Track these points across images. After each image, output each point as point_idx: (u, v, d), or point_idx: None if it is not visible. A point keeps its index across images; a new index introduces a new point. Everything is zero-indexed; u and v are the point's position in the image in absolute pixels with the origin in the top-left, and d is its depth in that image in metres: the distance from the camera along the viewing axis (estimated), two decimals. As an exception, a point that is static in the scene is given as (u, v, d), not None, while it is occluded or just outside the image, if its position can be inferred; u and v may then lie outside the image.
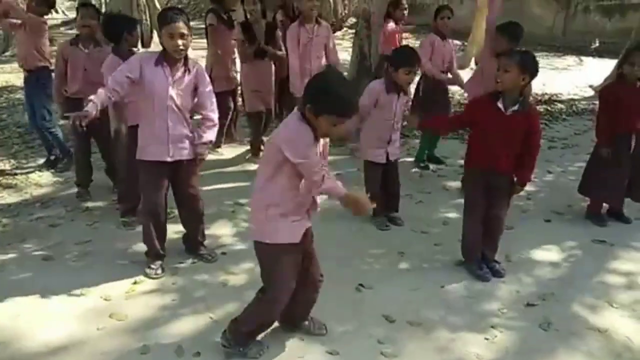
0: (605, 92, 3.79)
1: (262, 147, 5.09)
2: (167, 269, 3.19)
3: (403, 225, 3.85)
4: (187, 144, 3.05)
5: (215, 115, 3.10)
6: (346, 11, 19.87)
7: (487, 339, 2.62)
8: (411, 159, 5.21)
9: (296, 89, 4.64)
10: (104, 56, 3.68)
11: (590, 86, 9.17)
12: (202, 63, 3.78)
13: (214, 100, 3.11)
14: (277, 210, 2.20)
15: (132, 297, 2.93)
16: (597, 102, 8.04)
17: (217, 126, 3.13)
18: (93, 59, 4.04)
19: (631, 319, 2.79)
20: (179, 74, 2.93)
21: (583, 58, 12.45)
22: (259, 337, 2.46)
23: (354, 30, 14.90)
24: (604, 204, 3.97)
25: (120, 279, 3.09)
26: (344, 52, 8.86)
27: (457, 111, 7.25)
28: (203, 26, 5.48)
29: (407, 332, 2.65)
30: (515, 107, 2.91)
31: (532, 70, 2.90)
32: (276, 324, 2.53)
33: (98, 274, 3.14)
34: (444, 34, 4.84)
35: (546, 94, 8.74)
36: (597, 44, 13.03)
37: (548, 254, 3.49)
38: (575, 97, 8.66)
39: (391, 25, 5.68)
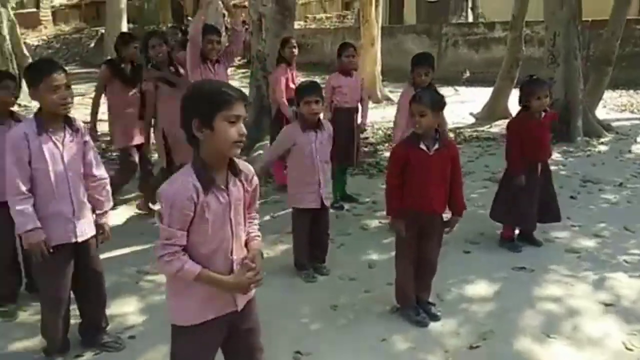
0: (513, 125, 3.96)
1: None
2: (64, 366, 2.65)
3: (329, 275, 3.64)
4: (90, 216, 2.63)
5: (105, 173, 2.74)
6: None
7: (440, 393, 2.47)
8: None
9: None
10: None
11: (471, 114, 9.86)
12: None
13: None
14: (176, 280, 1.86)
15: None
16: (480, 129, 8.83)
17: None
18: None
19: (571, 347, 2.81)
20: (67, 135, 2.51)
21: (457, 88, 13.45)
22: None
23: (243, 71, 15.03)
24: (516, 230, 4.10)
25: (4, 387, 2.50)
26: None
27: (370, 143, 7.41)
28: (79, 71, 4.93)
29: (358, 401, 2.41)
30: (437, 146, 2.89)
31: (441, 105, 2.96)
32: None
33: (-27, 386, 2.51)
34: (348, 71, 4.86)
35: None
36: (468, 74, 14.20)
37: (476, 287, 3.47)
38: (460, 125, 9.20)
39: (281, 70, 5.49)
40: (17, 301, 3.23)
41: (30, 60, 13.21)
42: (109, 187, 2.74)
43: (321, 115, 3.56)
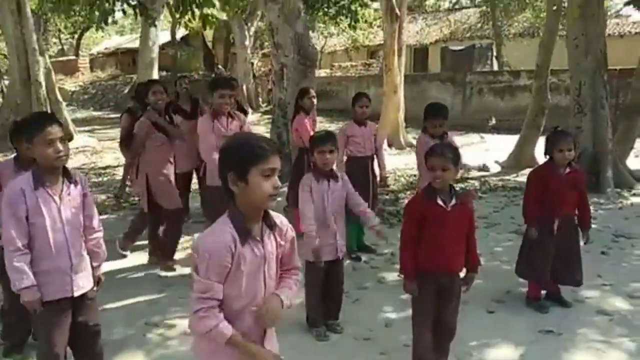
0: (532, 174, 3.85)
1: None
2: None
3: (343, 333, 3.47)
4: (89, 270, 2.59)
5: (100, 225, 2.71)
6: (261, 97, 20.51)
7: None
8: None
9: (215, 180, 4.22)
10: None
11: (496, 162, 9.68)
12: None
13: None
14: None
15: None
16: (506, 178, 8.63)
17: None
18: None
19: None
20: (64, 188, 2.48)
21: (483, 135, 13.32)
22: None
23: (268, 117, 15.32)
24: (542, 290, 3.87)
25: None
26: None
27: (391, 191, 7.32)
28: (112, 116, 5.10)
29: None
30: (453, 202, 2.77)
31: (460, 159, 2.86)
32: None
33: None
34: (362, 121, 4.89)
35: (458, 171, 9.03)
36: (494, 122, 14.09)
37: (499, 352, 3.25)
38: (485, 173, 9.02)
39: (300, 117, 5.44)
40: (23, 351, 3.16)
41: (63, 106, 13.76)
42: (102, 241, 2.72)
43: (334, 166, 3.48)
